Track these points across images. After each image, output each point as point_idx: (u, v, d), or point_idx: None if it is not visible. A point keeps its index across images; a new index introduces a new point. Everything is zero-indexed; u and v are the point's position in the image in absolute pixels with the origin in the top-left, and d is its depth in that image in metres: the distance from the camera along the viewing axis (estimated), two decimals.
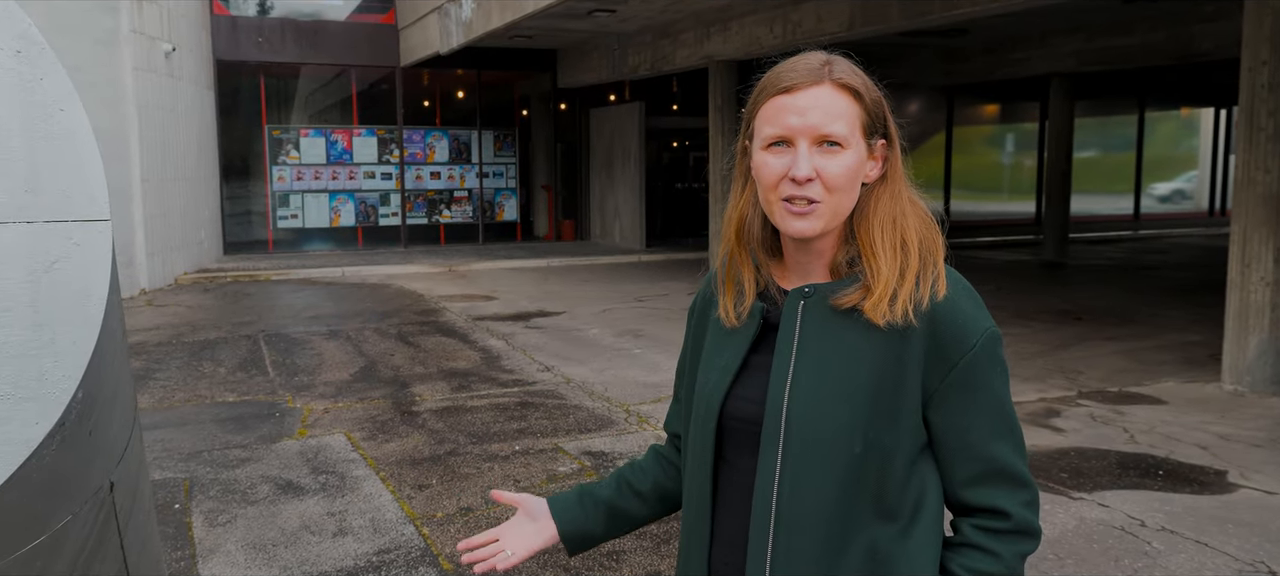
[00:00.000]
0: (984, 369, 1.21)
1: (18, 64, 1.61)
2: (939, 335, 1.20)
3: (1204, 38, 12.71)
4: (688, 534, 1.36)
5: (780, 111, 1.22)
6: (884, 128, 1.25)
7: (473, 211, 16.63)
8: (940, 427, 1.22)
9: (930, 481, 1.24)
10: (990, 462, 1.22)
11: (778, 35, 10.49)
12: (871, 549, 1.21)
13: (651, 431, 5.58)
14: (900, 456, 1.21)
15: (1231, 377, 6.55)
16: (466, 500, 4.48)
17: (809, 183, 1.20)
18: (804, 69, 1.23)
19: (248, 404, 6.32)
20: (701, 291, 1.44)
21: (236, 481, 4.78)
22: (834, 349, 1.22)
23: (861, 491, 1.20)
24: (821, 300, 1.25)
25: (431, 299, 10.95)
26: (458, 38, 12.47)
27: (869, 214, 1.24)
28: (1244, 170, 6.52)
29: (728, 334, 1.32)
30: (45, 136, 1.64)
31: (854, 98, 1.22)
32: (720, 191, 12.35)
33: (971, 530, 1.24)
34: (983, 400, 1.21)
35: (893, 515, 1.21)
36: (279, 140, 15.48)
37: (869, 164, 1.25)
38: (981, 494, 1.23)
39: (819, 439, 1.20)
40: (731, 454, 1.29)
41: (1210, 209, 22.71)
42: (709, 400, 1.30)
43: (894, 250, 1.22)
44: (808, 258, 1.28)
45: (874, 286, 1.20)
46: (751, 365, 1.29)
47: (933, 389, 1.21)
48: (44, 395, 1.67)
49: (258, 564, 3.82)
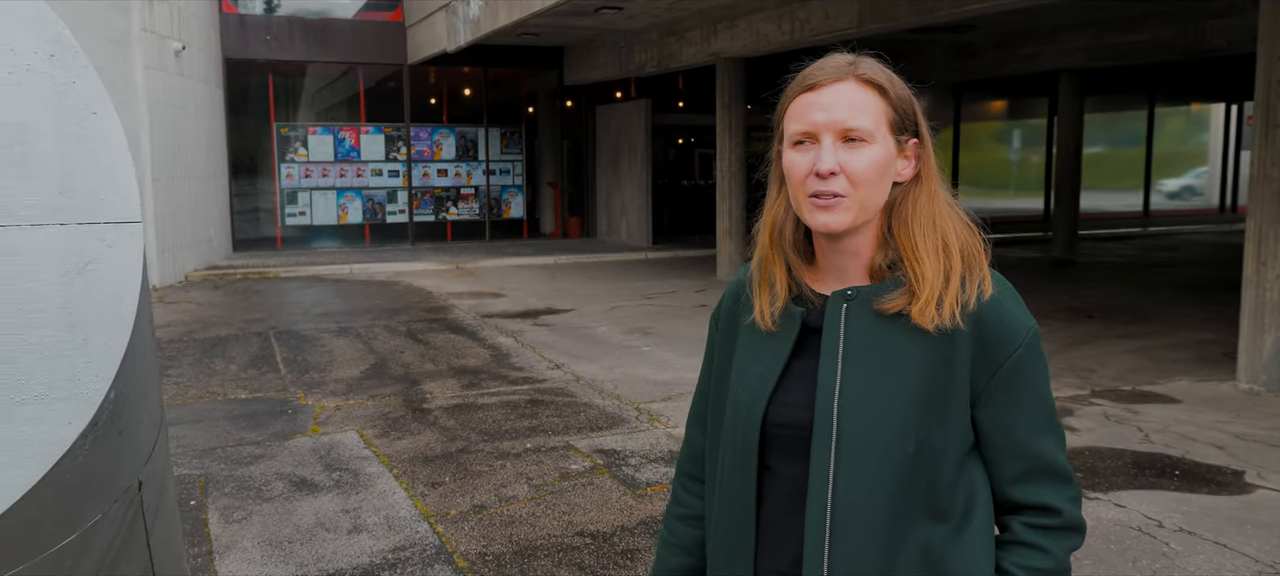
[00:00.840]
0: (1029, 367, 1.22)
1: (51, 67, 1.62)
2: (985, 335, 1.21)
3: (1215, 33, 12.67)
4: (725, 543, 1.33)
5: (805, 108, 1.24)
6: (915, 127, 1.25)
7: (479, 209, 16.65)
8: (988, 426, 1.23)
9: (979, 480, 1.25)
10: (1037, 459, 1.23)
11: (785, 32, 10.48)
12: (925, 549, 1.21)
13: (663, 429, 5.58)
14: (951, 456, 1.21)
15: (1247, 376, 6.53)
16: (480, 498, 4.49)
17: (833, 177, 1.21)
18: (829, 67, 1.24)
19: (260, 400, 6.34)
20: (723, 303, 1.43)
21: (251, 478, 4.79)
22: (881, 351, 1.22)
23: (914, 492, 1.20)
24: (865, 303, 1.24)
25: (440, 296, 10.97)
26: (465, 35, 12.48)
27: (908, 215, 1.24)
28: (1260, 167, 6.50)
29: (764, 340, 1.31)
30: (78, 139, 1.65)
31: (879, 93, 1.22)
32: (727, 189, 12.35)
33: (1022, 527, 1.25)
34: (1028, 397, 1.23)
35: (945, 515, 1.22)
36: (287, 138, 15.51)
37: (900, 162, 1.25)
38: (1030, 491, 1.24)
39: (871, 441, 1.20)
40: (774, 461, 1.28)
41: (1221, 205, 22.61)
42: (750, 408, 1.29)
43: (937, 253, 1.22)
44: (843, 259, 1.27)
45: (919, 291, 1.20)
46: (793, 371, 1.28)
47: (980, 388, 1.22)
48: (77, 395, 1.68)
49: (274, 560, 3.84)
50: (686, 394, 6.41)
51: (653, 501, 4.42)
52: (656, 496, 4.48)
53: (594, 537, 4.02)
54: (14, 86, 1.59)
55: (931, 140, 1.26)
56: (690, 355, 7.63)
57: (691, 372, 7.03)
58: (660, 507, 4.33)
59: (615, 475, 4.78)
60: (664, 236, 16.45)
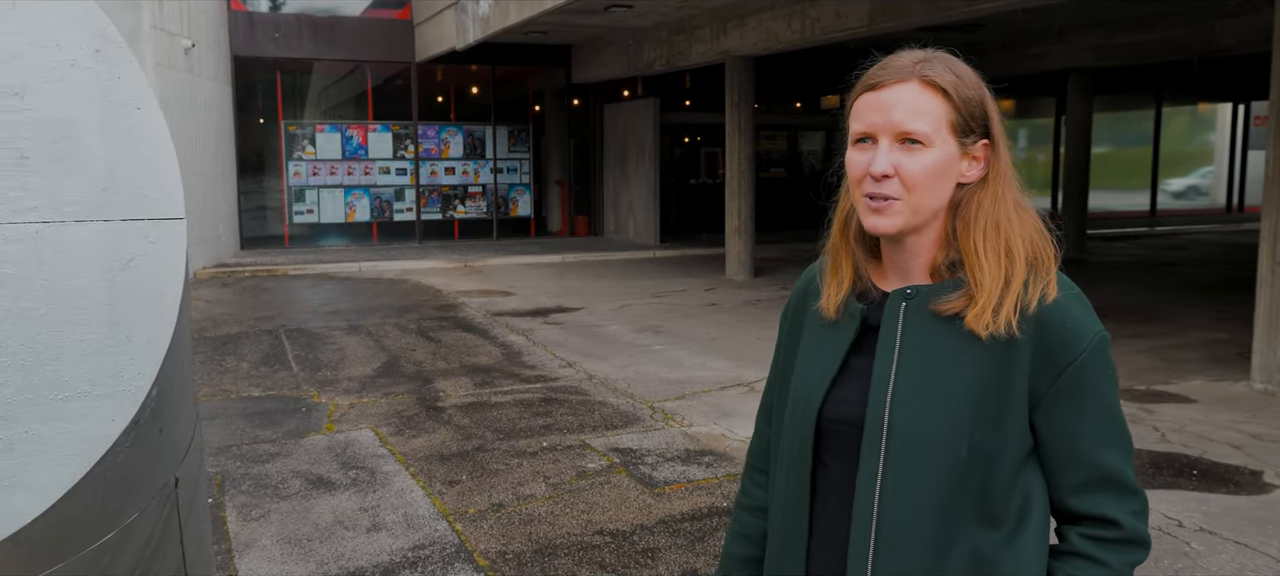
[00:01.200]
0: (1093, 374, 1.19)
1: (96, 63, 1.62)
2: (1047, 339, 1.18)
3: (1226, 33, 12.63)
4: (781, 538, 1.34)
5: (866, 108, 1.23)
6: (984, 128, 1.23)
7: (487, 207, 16.65)
8: (1048, 433, 1.21)
9: (1036, 487, 1.23)
10: (1099, 470, 1.21)
11: (796, 31, 10.46)
12: (975, 554, 1.19)
13: (678, 428, 5.58)
14: (1005, 461, 1.19)
15: (1262, 376, 6.51)
16: (498, 496, 4.49)
17: (886, 180, 1.20)
18: (895, 66, 1.23)
19: (273, 398, 6.34)
20: (793, 298, 1.44)
21: (267, 476, 4.79)
22: (937, 352, 1.21)
23: (965, 495, 1.19)
24: (923, 302, 1.24)
25: (449, 294, 10.97)
26: (474, 33, 12.48)
27: (970, 218, 1.22)
28: (1275, 166, 6.48)
29: (826, 335, 1.32)
30: (122, 134, 1.64)
31: (942, 96, 1.21)
32: (736, 187, 12.33)
33: (1080, 539, 1.22)
34: (1092, 405, 1.20)
35: (997, 520, 1.20)
36: (295, 136, 15.51)
37: (964, 164, 1.23)
38: (1090, 502, 1.21)
39: (922, 442, 1.19)
40: (828, 457, 1.28)
41: (1227, 205, 22.58)
42: (807, 403, 1.29)
43: (998, 258, 1.20)
44: (904, 258, 1.27)
45: (977, 295, 1.19)
46: (851, 367, 1.28)
47: (1040, 394, 1.19)
48: (120, 392, 1.68)
49: (294, 559, 3.84)
50: (699, 393, 6.41)
51: (671, 500, 4.41)
52: (674, 495, 4.48)
53: (614, 536, 4.01)
54: (59, 82, 1.59)
55: (1006, 141, 1.24)
56: (702, 354, 7.62)
57: (703, 371, 7.02)
58: (678, 507, 4.33)
59: (632, 474, 4.77)
60: (671, 235, 16.43)
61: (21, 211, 1.58)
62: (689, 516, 4.22)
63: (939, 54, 1.24)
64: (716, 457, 5.03)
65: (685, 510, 4.29)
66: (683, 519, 4.19)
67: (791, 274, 12.65)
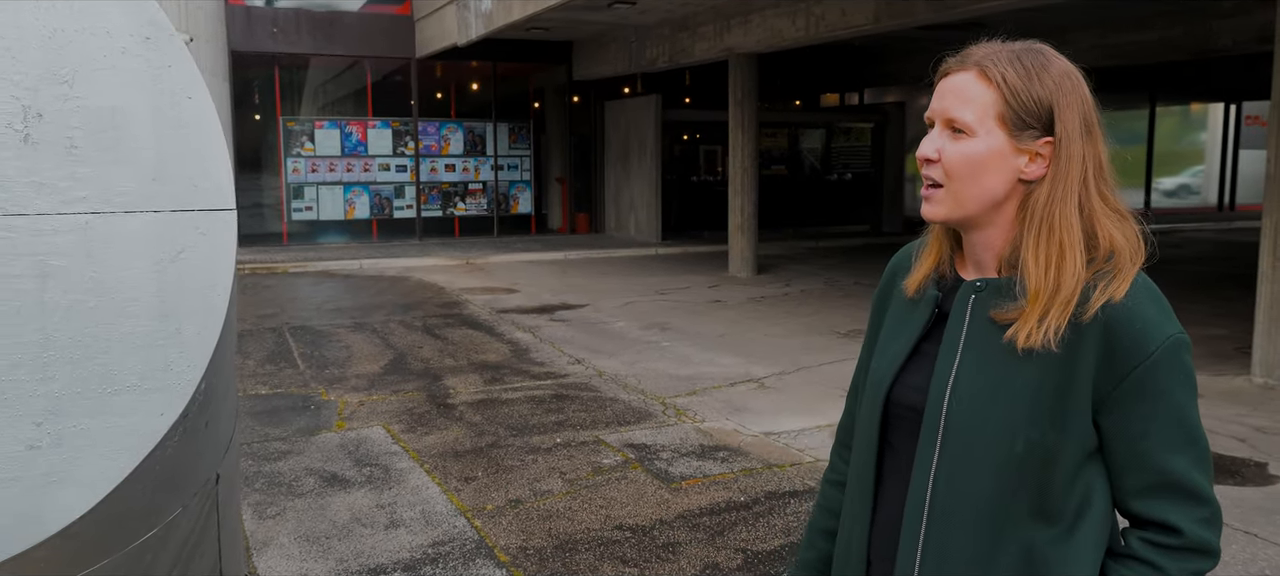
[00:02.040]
0: (1163, 377, 1.15)
1: (146, 50, 1.59)
2: (1113, 340, 1.15)
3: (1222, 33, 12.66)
4: (849, 513, 1.38)
5: (934, 94, 1.26)
6: (1047, 125, 1.20)
7: (487, 204, 16.61)
8: (1110, 434, 1.18)
9: (1097, 487, 1.21)
10: (1163, 475, 1.17)
11: (800, 28, 10.45)
12: (1028, 550, 1.19)
13: (691, 423, 5.56)
14: (1065, 459, 1.18)
15: (1262, 371, 6.53)
16: (515, 492, 4.47)
17: (930, 164, 1.23)
18: (967, 53, 1.24)
19: (281, 396, 6.31)
20: (884, 279, 1.45)
21: (280, 474, 4.77)
22: (998, 348, 1.20)
23: (1020, 491, 1.18)
24: (990, 298, 1.24)
25: (452, 291, 10.93)
26: (477, 29, 12.44)
27: (1027, 217, 1.21)
28: (1275, 165, 6.49)
29: (904, 319, 1.34)
30: (173, 124, 1.62)
31: (993, 87, 1.20)
32: (739, 184, 12.32)
33: (1138, 543, 1.20)
34: (1159, 409, 1.16)
35: (1054, 518, 1.19)
36: (293, 132, 15.45)
37: (1021, 160, 1.20)
38: (1151, 506, 1.18)
39: (978, 435, 1.19)
40: (895, 440, 1.30)
41: (1219, 203, 22.67)
42: (878, 385, 1.31)
43: (1048, 261, 1.17)
44: (975, 248, 1.28)
45: (1027, 303, 1.18)
46: (922, 353, 1.29)
47: (1104, 394, 1.17)
48: (170, 386, 1.65)
49: (313, 556, 3.81)
50: (710, 389, 6.39)
51: (688, 495, 4.40)
52: (691, 490, 4.47)
53: (633, 531, 4.00)
54: (109, 70, 1.56)
55: (1082, 138, 1.20)
56: (710, 350, 7.61)
57: (712, 368, 7.01)
58: (696, 501, 4.32)
59: (648, 469, 4.76)
60: (673, 232, 16.42)
61: (70, 202, 1.55)
62: (707, 511, 4.20)
63: (1029, 46, 1.22)
64: (731, 453, 5.02)
65: (703, 505, 4.27)
66: (701, 513, 4.18)
67: (794, 271, 12.65)
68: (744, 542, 3.88)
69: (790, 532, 3.99)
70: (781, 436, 5.33)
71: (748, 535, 3.96)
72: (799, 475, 4.68)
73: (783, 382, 6.60)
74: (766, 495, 4.40)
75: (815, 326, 8.65)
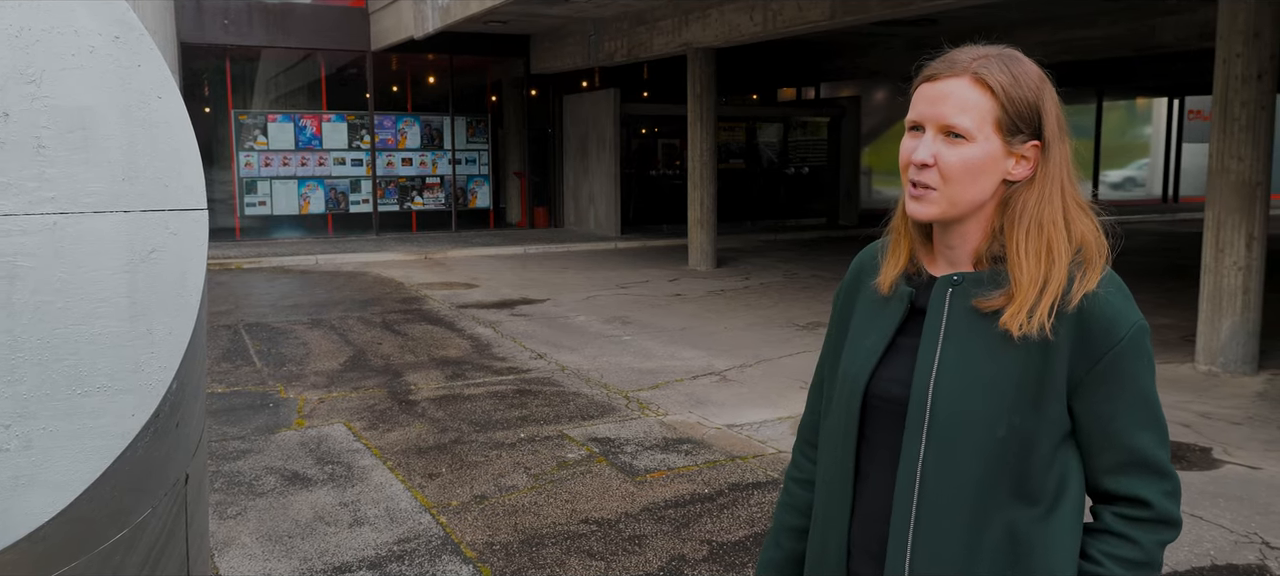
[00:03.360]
0: (1130, 361, 1.23)
1: (115, 49, 1.58)
2: (1086, 327, 1.22)
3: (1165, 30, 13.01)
4: (825, 510, 1.39)
5: (919, 98, 1.28)
6: (1035, 129, 1.26)
7: (445, 198, 16.49)
8: (1084, 417, 1.25)
9: (1073, 468, 1.27)
10: (1133, 453, 1.25)
11: (758, 23, 10.53)
12: (1010, 530, 1.24)
13: (654, 417, 5.60)
14: (1043, 442, 1.24)
15: (1206, 359, 6.74)
16: (480, 488, 4.47)
17: (926, 168, 1.25)
18: (953, 60, 1.26)
19: (238, 394, 6.23)
20: (846, 279, 1.48)
21: (240, 473, 4.71)
22: (979, 338, 1.25)
23: (1002, 474, 1.23)
24: (968, 290, 1.28)
25: (411, 286, 10.85)
26: (434, 22, 12.34)
27: (1016, 216, 1.26)
28: (1218, 159, 6.70)
29: (875, 314, 1.37)
30: (143, 123, 1.61)
31: (990, 94, 1.24)
32: (698, 178, 12.38)
33: (1112, 518, 1.27)
34: (1128, 391, 1.24)
35: (1033, 499, 1.24)
36: (246, 125, 15.19)
37: (1010, 162, 1.26)
38: (1123, 483, 1.26)
39: (962, 423, 1.24)
40: (873, 432, 1.33)
41: (1164, 195, 23.28)
42: (855, 380, 1.34)
43: (1038, 258, 1.23)
44: (951, 244, 1.31)
45: (1015, 294, 1.23)
46: (897, 347, 1.32)
47: (1078, 379, 1.23)
48: (140, 387, 1.65)
49: (276, 555, 3.78)
50: (672, 382, 6.44)
51: (653, 488, 4.44)
52: (656, 483, 4.51)
53: (599, 525, 4.03)
54: (77, 69, 1.55)
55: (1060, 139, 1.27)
56: (671, 344, 7.65)
57: (674, 361, 7.06)
58: (661, 494, 4.36)
59: (613, 463, 4.79)
60: (632, 226, 16.45)
61: (38, 202, 1.54)
62: (672, 503, 4.25)
63: (1004, 51, 1.27)
64: (695, 445, 5.06)
65: (668, 497, 4.32)
66: (666, 506, 4.22)
67: (753, 264, 12.75)
68: (709, 534, 3.93)
69: (754, 523, 4.04)
70: (744, 428, 5.39)
71: (713, 526, 4.01)
72: (762, 466, 4.74)
73: (744, 375, 6.67)
74: (730, 487, 4.46)
75: (774, 319, 8.74)
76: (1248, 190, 6.58)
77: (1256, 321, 6.66)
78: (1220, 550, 3.78)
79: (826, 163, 19.02)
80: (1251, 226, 6.58)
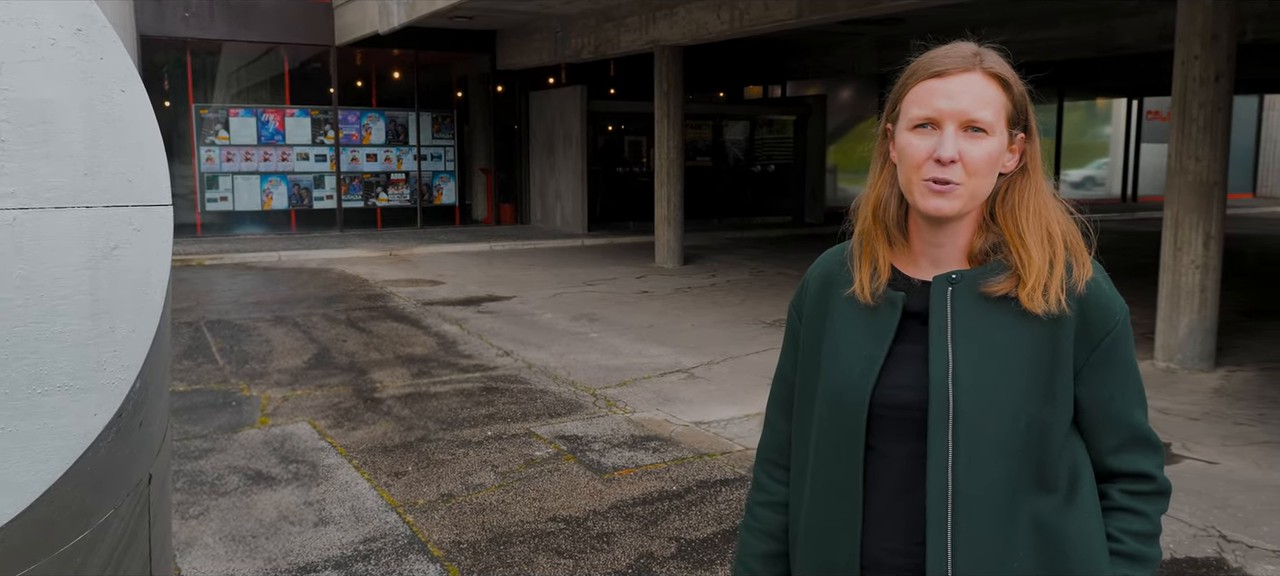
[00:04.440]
0: (1123, 344, 1.30)
1: (78, 42, 1.55)
2: (1087, 315, 1.28)
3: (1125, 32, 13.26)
4: (825, 525, 1.35)
5: (930, 94, 1.26)
6: (1026, 121, 1.30)
7: (410, 194, 16.35)
8: (1087, 399, 1.30)
9: (1079, 452, 1.31)
10: (1134, 430, 1.31)
11: (725, 21, 10.56)
12: (1037, 520, 1.26)
13: (622, 415, 5.60)
14: (1057, 430, 1.27)
15: (1164, 356, 6.88)
16: (446, 487, 4.44)
17: (952, 165, 1.25)
18: (956, 56, 1.27)
19: (200, 393, 6.14)
20: (807, 289, 1.44)
21: (202, 472, 4.65)
22: (990, 333, 1.26)
23: (1026, 465, 1.26)
24: (969, 286, 1.28)
25: (376, 283, 10.76)
26: (399, 17, 12.22)
27: (1015, 205, 1.30)
28: (1177, 159, 6.83)
29: (863, 322, 1.33)
30: (106, 118, 1.58)
31: (1003, 88, 1.27)
32: (666, 175, 12.40)
33: (1120, 494, 1.32)
34: (1122, 372, 1.30)
35: (1052, 486, 1.28)
36: (207, 120, 14.95)
37: (1006, 154, 1.29)
38: (1127, 459, 1.32)
39: (987, 420, 1.25)
40: (879, 442, 1.31)
41: (1123, 194, 23.70)
42: (857, 391, 1.31)
43: (1042, 241, 1.28)
44: (942, 242, 1.31)
45: (1026, 277, 1.26)
46: (897, 354, 1.31)
47: (1081, 364, 1.28)
48: (103, 386, 1.62)
49: (240, 556, 3.73)
50: (640, 380, 6.45)
51: (621, 486, 4.44)
52: (624, 480, 4.51)
53: (568, 523, 4.02)
54: (38, 62, 1.51)
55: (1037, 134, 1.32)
56: (639, 341, 7.66)
57: (641, 359, 7.06)
58: (630, 492, 4.36)
59: (581, 460, 4.78)
60: (599, 223, 16.42)
61: None
62: (640, 501, 4.25)
63: (990, 48, 1.30)
64: (662, 443, 5.07)
65: (636, 495, 4.32)
66: (635, 503, 4.22)
67: (719, 261, 12.79)
68: (677, 531, 3.94)
69: (723, 520, 4.06)
70: (711, 425, 5.41)
71: (681, 524, 4.02)
72: (729, 463, 4.76)
73: (711, 372, 6.69)
74: (698, 484, 4.47)
75: (741, 316, 8.78)
76: (1205, 190, 6.72)
77: (1213, 319, 6.80)
78: (1179, 543, 3.87)
79: (792, 161, 19.13)
80: (1209, 226, 6.72)
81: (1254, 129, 25.22)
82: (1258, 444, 5.10)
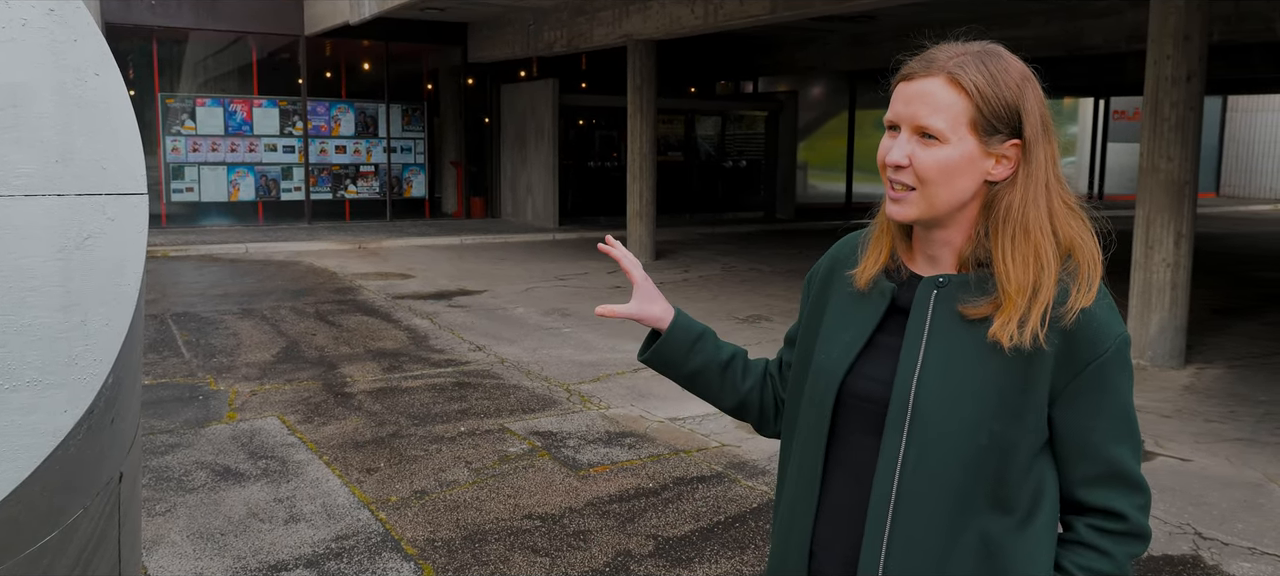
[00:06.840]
0: (1113, 373, 1.22)
1: (50, 23, 1.49)
2: (1073, 338, 1.20)
3: (1094, 32, 13.42)
4: (792, 503, 1.36)
5: (896, 98, 1.26)
6: (1014, 128, 1.23)
7: (380, 187, 16.17)
8: (1064, 427, 1.23)
9: (1048, 478, 1.25)
10: (1110, 464, 1.24)
11: (699, 16, 10.53)
12: (985, 538, 1.22)
13: (596, 410, 5.57)
14: (1022, 451, 1.22)
15: (1135, 353, 6.96)
16: (419, 483, 4.39)
17: (901, 169, 1.23)
18: (930, 59, 1.24)
19: (166, 387, 6.02)
20: (820, 267, 1.45)
21: (169, 468, 4.55)
22: (963, 343, 1.23)
23: (980, 482, 1.21)
24: (953, 294, 1.25)
25: (345, 276, 10.62)
26: (370, 8, 12.07)
27: (999, 219, 1.22)
28: (1148, 158, 6.92)
29: (853, 309, 1.33)
30: (78, 102, 1.52)
31: (964, 94, 1.21)
32: (638, 170, 12.36)
33: (1086, 529, 1.26)
34: (1109, 403, 1.22)
35: (1009, 507, 1.22)
36: (173, 109, 14.68)
37: (988, 162, 1.23)
38: (1098, 494, 1.25)
39: (944, 429, 1.21)
40: (845, 430, 1.30)
41: (1089, 192, 24.03)
42: (830, 374, 1.31)
43: (1026, 264, 1.20)
44: (933, 246, 1.29)
45: (1004, 304, 1.20)
46: (876, 344, 1.30)
47: (1060, 389, 1.22)
48: (74, 381, 1.56)
49: (208, 554, 3.66)
50: (614, 375, 6.41)
51: (596, 482, 4.41)
52: (600, 477, 4.48)
53: (543, 520, 3.98)
54: (7, 43, 1.45)
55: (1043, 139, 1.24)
56: (612, 336, 7.63)
57: (614, 354, 7.03)
58: (605, 488, 4.33)
59: (555, 457, 4.74)
60: (570, 217, 16.35)
61: None
62: (616, 498, 4.22)
63: (986, 48, 1.24)
64: (638, 439, 5.05)
65: (612, 492, 4.29)
66: (611, 500, 4.19)
67: (691, 257, 12.79)
68: (655, 529, 3.92)
69: (700, 518, 4.04)
70: (686, 421, 5.39)
71: (658, 521, 4.00)
72: (706, 460, 4.75)
73: None
74: (675, 481, 4.45)
75: (715, 311, 8.78)
76: (1176, 189, 6.80)
77: (1184, 317, 6.90)
78: (1155, 541, 3.88)
79: (764, 156, 19.18)
80: (1180, 224, 6.81)
81: (1218, 129, 25.69)
82: (1229, 441, 5.18)
